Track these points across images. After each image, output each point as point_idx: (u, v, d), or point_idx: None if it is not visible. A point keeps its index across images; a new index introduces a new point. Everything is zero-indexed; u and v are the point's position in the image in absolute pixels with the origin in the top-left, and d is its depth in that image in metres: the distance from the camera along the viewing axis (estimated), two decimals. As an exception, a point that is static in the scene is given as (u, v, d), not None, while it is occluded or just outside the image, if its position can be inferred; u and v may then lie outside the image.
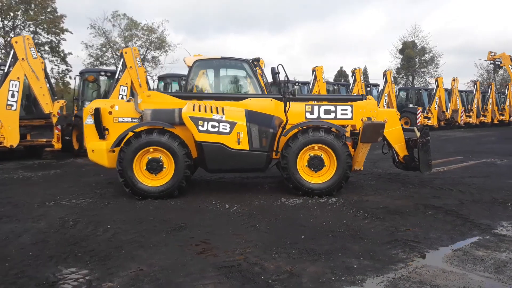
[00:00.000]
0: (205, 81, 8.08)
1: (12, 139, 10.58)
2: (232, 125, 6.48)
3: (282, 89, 6.55)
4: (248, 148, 6.50)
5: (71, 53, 32.44)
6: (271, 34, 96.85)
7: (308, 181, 6.55)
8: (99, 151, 6.84)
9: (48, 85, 11.32)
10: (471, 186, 7.30)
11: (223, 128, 6.47)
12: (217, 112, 6.58)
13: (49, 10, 30.52)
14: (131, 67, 12.38)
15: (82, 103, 13.70)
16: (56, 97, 11.99)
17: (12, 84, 10.59)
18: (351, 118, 7.13)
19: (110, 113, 6.94)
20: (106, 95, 13.57)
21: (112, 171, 9.08)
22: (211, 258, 3.94)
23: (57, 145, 11.41)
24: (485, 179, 7.92)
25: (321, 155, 6.59)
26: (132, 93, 12.83)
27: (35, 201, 6.44)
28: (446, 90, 26.40)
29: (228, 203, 6.13)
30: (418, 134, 7.02)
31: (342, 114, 7.15)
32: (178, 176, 6.45)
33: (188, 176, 6.57)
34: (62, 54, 31.52)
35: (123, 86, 12.29)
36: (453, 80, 26.24)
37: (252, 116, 6.65)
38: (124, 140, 6.46)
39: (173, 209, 5.83)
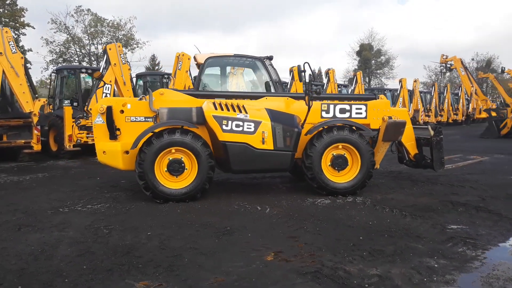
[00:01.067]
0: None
1: None
2: (257, 124, 6.30)
3: (307, 88, 6.44)
4: (272, 148, 6.34)
5: (31, 50, 30.56)
6: (225, 34, 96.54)
7: (332, 180, 6.49)
8: (113, 152, 6.42)
9: (28, 82, 10.58)
10: (477, 182, 7.55)
11: (247, 128, 6.27)
12: (241, 111, 6.37)
13: (8, 2, 28.50)
14: (115, 64, 11.77)
15: (60, 102, 12.88)
16: (36, 95, 11.26)
17: (106, 87, 10.57)
18: (366, 117, 7.15)
19: (122, 112, 6.54)
20: (87, 93, 12.90)
21: (107, 173, 8.72)
22: (285, 263, 3.77)
23: (37, 147, 10.67)
24: (486, 176, 8.22)
25: (344, 154, 6.55)
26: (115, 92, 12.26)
27: (44, 207, 5.92)
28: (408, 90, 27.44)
29: (258, 204, 5.94)
30: (432, 132, 7.18)
31: (356, 113, 7.16)
32: (201, 177, 6.17)
33: (211, 178, 6.31)
34: (21, 50, 29.57)
35: (107, 84, 11.66)
36: (415, 81, 27.37)
37: (275, 115, 6.49)
38: (143, 141, 6.08)
39: (204, 212, 5.56)
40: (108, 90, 11.64)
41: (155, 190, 6.05)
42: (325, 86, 20.13)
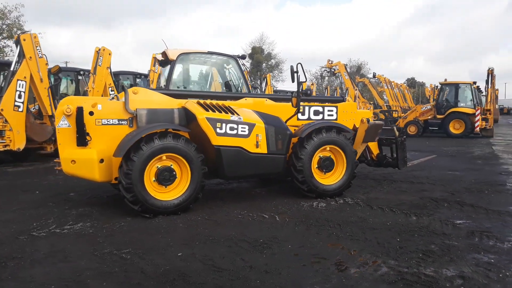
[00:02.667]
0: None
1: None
2: (251, 127, 5.97)
3: (298, 89, 6.30)
4: (266, 152, 6.07)
5: None
6: (99, 29, 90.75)
7: (321, 183, 6.45)
8: (86, 161, 5.49)
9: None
10: (429, 178, 8.22)
11: (241, 131, 5.91)
12: (232, 113, 5.97)
13: None
14: (30, 57, 10.11)
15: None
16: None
17: (20, 84, 9.99)
18: (336, 119, 7.29)
19: (92, 113, 5.65)
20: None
21: (38, 184, 7.54)
22: (359, 273, 3.60)
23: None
24: (428, 172, 9.01)
25: (330, 156, 6.57)
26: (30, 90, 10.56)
27: (6, 232, 4.78)
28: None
29: (259, 212, 5.62)
30: (397, 133, 7.61)
31: (328, 115, 7.27)
32: (194, 186, 5.62)
33: (203, 186, 5.78)
34: None
35: (21, 80, 9.95)
36: (312, 84, 28.99)
37: (265, 117, 6.24)
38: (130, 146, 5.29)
39: (212, 225, 5.06)
40: (22, 87, 9.97)
41: (146, 203, 5.31)
42: (263, 89, 20.18)
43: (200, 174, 5.65)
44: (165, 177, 5.49)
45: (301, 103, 6.98)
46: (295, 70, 6.17)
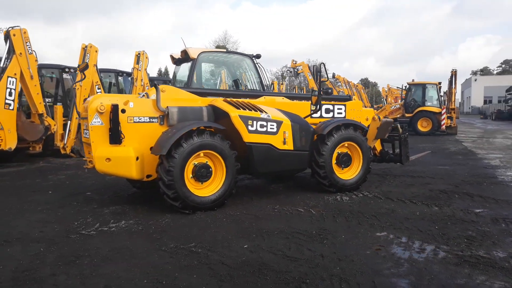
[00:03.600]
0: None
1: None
2: (279, 124, 6.16)
3: (320, 87, 6.56)
4: (292, 148, 6.29)
5: None
6: (47, 25, 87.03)
7: (340, 177, 6.75)
8: (123, 159, 5.47)
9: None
10: (425, 173, 8.75)
11: (270, 128, 6.09)
12: (261, 111, 6.13)
13: None
14: (20, 53, 9.69)
15: None
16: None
17: (10, 81, 9.60)
18: (345, 117, 7.64)
19: (123, 111, 5.64)
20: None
21: (46, 184, 7.41)
22: (423, 258, 3.90)
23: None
24: (421, 167, 9.56)
25: (347, 151, 6.88)
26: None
27: (49, 232, 4.69)
28: (275, 92, 29.42)
29: (291, 206, 5.82)
30: (401, 130, 8.05)
31: (338, 113, 7.61)
32: (229, 182, 5.74)
33: (236, 182, 5.91)
34: None
35: (11, 77, 9.52)
36: (282, 84, 29.43)
37: (289, 115, 6.44)
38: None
39: (255, 219, 5.21)
40: (13, 85, 9.56)
41: (186, 200, 5.37)
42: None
43: (234, 171, 5.78)
44: (203, 174, 5.57)
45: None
46: (318, 70, 6.42)
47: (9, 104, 9.47)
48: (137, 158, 5.56)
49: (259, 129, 5.98)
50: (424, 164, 10.00)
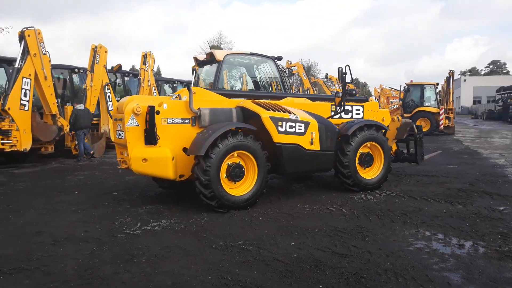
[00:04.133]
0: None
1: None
2: (306, 125, 6.31)
3: (344, 89, 6.72)
4: (319, 149, 6.44)
5: None
6: (36, 24, 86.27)
7: (363, 177, 6.92)
8: (160, 159, 5.57)
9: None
10: (438, 172, 8.97)
11: (299, 129, 6.24)
12: (289, 112, 6.27)
13: None
14: (35, 54, 9.71)
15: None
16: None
17: (25, 82, 9.58)
18: (362, 117, 7.81)
19: (158, 112, 5.73)
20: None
21: (67, 185, 7.50)
22: (467, 253, 4.08)
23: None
24: (431, 167, 9.80)
25: (369, 151, 7.05)
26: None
27: (94, 232, 4.78)
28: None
29: (320, 205, 5.97)
30: (416, 130, 8.26)
31: (356, 114, 7.77)
32: (261, 182, 5.88)
33: (267, 182, 6.04)
34: None
35: (26, 78, 9.53)
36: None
37: (315, 116, 6.59)
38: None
39: (295, 218, 5.34)
40: (27, 85, 9.57)
41: (222, 199, 5.50)
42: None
43: (265, 170, 5.91)
44: (236, 174, 5.70)
45: (333, 103, 7.44)
46: (343, 72, 6.59)
47: (24, 105, 9.48)
48: (172, 159, 5.66)
49: (288, 130, 6.12)
50: (434, 163, 10.23)
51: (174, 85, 18.26)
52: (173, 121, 5.86)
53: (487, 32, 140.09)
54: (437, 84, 21.29)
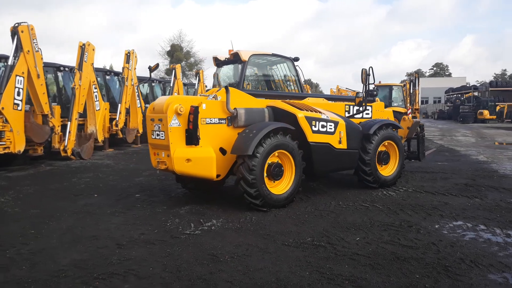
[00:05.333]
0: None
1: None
2: (336, 124, 6.52)
3: (366, 90, 6.99)
4: (346, 147, 6.68)
5: None
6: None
7: (382, 174, 7.23)
8: (204, 159, 5.58)
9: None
10: (433, 168, 9.52)
11: (329, 128, 6.45)
12: (321, 112, 6.46)
13: None
14: (28, 51, 9.21)
15: None
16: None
17: (18, 80, 9.08)
18: (371, 117, 8.16)
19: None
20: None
21: (81, 187, 7.35)
22: (517, 241, 4.45)
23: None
24: (424, 164, 10.34)
25: (385, 150, 7.38)
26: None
27: (150, 234, 4.71)
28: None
29: (358, 202, 6.20)
30: (419, 129, 8.72)
31: (366, 114, 8.11)
32: (297, 180, 6.02)
33: (302, 180, 6.18)
34: None
35: (20, 76, 9.01)
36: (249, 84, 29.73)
37: (340, 116, 6.81)
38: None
39: (338, 215, 5.52)
40: (21, 84, 9.07)
41: (266, 198, 5.59)
42: (196, 86, 20.01)
43: (301, 169, 6.06)
44: (276, 173, 5.80)
45: (348, 103, 7.73)
46: (367, 73, 6.86)
47: (18, 105, 8.99)
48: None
49: (320, 129, 6.30)
50: (424, 161, 10.81)
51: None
52: (211, 121, 5.86)
53: (428, 36, 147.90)
54: (404, 85, 22.31)
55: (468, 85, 54.72)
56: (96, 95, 12.00)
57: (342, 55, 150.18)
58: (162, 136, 5.67)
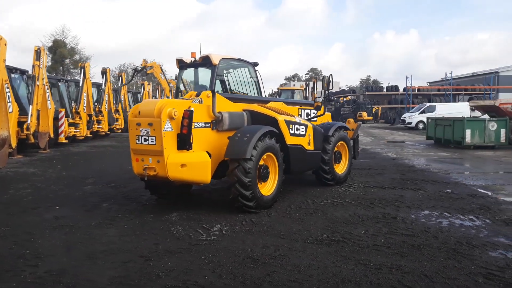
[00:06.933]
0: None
1: None
2: (305, 127, 6.96)
3: (326, 96, 7.55)
4: (313, 148, 7.16)
5: None
6: None
7: (337, 172, 7.88)
8: (200, 164, 5.54)
9: None
10: (373, 166, 10.58)
11: (302, 131, 6.86)
12: (293, 116, 6.81)
13: None
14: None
15: None
16: None
17: None
18: (316, 120, 8.84)
19: (188, 117, 5.63)
20: None
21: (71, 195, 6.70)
22: (499, 222, 5.35)
23: None
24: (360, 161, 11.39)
25: (339, 150, 8.06)
26: None
27: (185, 237, 4.57)
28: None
29: (332, 199, 6.69)
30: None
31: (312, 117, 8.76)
32: (280, 181, 6.30)
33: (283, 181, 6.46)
34: None
35: None
36: (149, 84, 28.82)
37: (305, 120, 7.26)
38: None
39: (327, 211, 5.92)
40: None
41: (259, 199, 5.75)
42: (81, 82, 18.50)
43: (282, 170, 6.33)
44: (264, 174, 6.00)
45: (300, 107, 8.25)
46: (329, 80, 7.43)
47: None
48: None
49: (295, 132, 6.66)
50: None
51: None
52: (199, 125, 5.81)
53: (301, 43, 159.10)
54: (305, 88, 23.98)
55: (340, 88, 60.71)
56: (8, 95, 10.64)
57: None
58: (152, 141, 5.44)
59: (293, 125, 6.61)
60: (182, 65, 7.23)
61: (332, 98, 8.15)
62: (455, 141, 15.19)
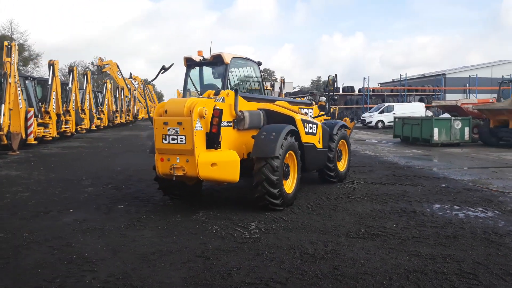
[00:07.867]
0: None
1: None
2: (317, 126, 7.13)
3: (331, 95, 7.74)
4: (322, 147, 7.33)
5: None
6: None
7: (340, 170, 8.11)
8: (230, 163, 5.55)
9: None
10: (364, 164, 10.89)
11: (314, 130, 7.01)
12: (306, 114, 6.94)
13: None
14: None
15: None
16: None
17: None
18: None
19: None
20: None
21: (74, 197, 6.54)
22: (508, 212, 5.75)
23: None
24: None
25: (339, 148, 8.29)
26: None
27: (227, 240, 4.55)
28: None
29: (346, 196, 6.89)
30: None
31: (310, 116, 8.98)
32: (298, 179, 6.41)
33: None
34: None
35: None
36: (110, 82, 27.90)
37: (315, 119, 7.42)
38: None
39: (349, 205, 6.10)
40: None
41: (284, 197, 5.83)
42: (70, 84, 17.86)
43: (300, 168, 6.44)
44: (287, 172, 6.08)
45: (299, 106, 8.41)
46: (335, 80, 7.61)
47: None
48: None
49: (309, 130, 6.80)
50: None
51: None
52: (223, 124, 5.78)
53: (252, 43, 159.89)
54: (273, 88, 24.17)
55: (294, 89, 61.83)
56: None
57: (174, 56, 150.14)
58: (181, 141, 5.34)
59: (308, 124, 6.75)
60: (190, 63, 7.14)
61: (336, 98, 8.34)
62: (423, 139, 16.01)
